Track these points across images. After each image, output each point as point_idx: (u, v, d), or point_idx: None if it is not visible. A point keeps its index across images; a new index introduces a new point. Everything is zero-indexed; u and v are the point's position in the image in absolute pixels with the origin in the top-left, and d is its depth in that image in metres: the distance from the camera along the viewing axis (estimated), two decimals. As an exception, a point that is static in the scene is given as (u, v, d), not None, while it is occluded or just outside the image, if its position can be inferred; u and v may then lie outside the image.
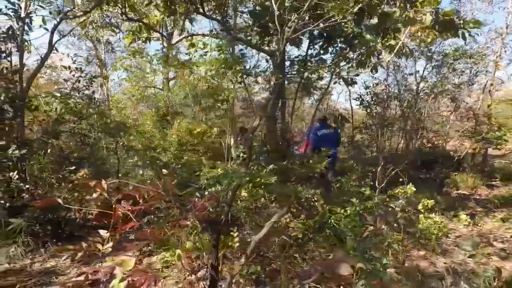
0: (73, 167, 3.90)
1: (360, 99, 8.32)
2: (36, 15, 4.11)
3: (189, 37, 9.21)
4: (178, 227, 2.42)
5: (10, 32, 4.33)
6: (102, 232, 3.04)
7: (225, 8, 6.01)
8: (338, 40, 5.05)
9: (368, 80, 8.37)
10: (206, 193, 3.69)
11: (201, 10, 6.58)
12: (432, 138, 7.87)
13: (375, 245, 2.57)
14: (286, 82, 7.56)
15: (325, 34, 5.36)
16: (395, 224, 2.74)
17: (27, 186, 4.01)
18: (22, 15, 4.02)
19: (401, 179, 4.80)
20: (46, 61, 4.43)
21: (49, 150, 4.01)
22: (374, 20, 4.39)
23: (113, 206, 2.78)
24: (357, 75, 6.62)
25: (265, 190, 3.02)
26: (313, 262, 2.79)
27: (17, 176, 4.00)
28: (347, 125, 8.57)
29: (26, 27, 4.41)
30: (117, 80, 12.08)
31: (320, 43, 5.66)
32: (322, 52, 5.47)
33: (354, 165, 4.17)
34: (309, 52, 6.28)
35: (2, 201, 3.79)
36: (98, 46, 11.81)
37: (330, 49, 5.50)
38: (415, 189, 3.95)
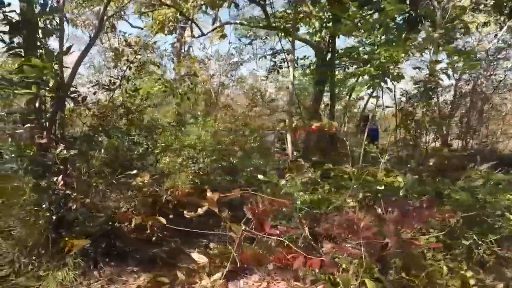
0: (134, 171, 3.19)
1: (406, 95, 7.72)
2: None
3: (220, 28, 8.53)
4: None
5: (48, 8, 3.60)
6: (197, 257, 2.36)
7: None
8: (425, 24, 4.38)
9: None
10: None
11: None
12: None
13: None
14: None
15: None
16: None
17: (75, 193, 3.29)
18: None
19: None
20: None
21: (102, 150, 3.29)
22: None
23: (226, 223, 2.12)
24: (418, 68, 6.05)
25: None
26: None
27: (62, 182, 3.29)
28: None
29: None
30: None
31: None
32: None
33: (472, 164, 3.51)
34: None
35: (48, 214, 3.06)
36: (113, 38, 11.02)
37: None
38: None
